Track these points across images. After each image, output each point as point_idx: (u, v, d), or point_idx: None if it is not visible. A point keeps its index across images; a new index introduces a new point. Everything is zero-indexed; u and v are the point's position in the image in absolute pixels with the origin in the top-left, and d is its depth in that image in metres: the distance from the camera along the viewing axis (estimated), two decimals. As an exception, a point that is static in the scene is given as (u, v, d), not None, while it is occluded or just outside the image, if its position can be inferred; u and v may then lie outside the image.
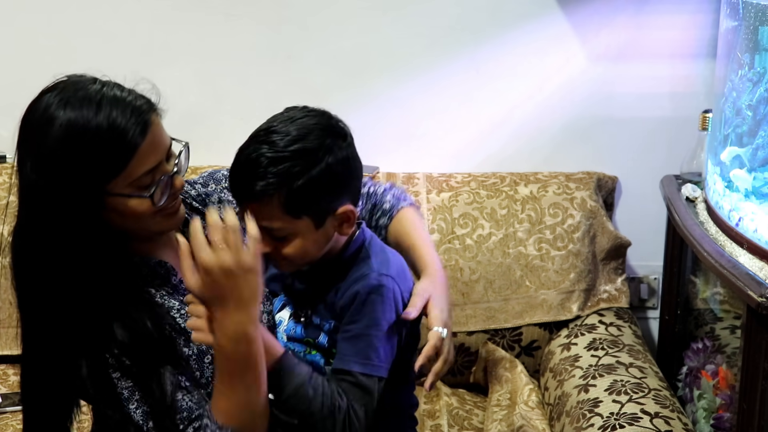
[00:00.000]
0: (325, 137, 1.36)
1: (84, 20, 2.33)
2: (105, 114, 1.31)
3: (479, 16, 2.30)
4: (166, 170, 1.38)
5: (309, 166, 1.33)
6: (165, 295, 1.45)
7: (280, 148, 1.33)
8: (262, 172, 1.32)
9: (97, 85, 1.35)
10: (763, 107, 1.72)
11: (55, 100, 1.32)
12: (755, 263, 1.67)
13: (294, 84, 2.36)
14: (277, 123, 1.37)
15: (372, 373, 1.39)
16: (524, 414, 1.97)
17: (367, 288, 1.40)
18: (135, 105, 1.35)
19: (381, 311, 1.39)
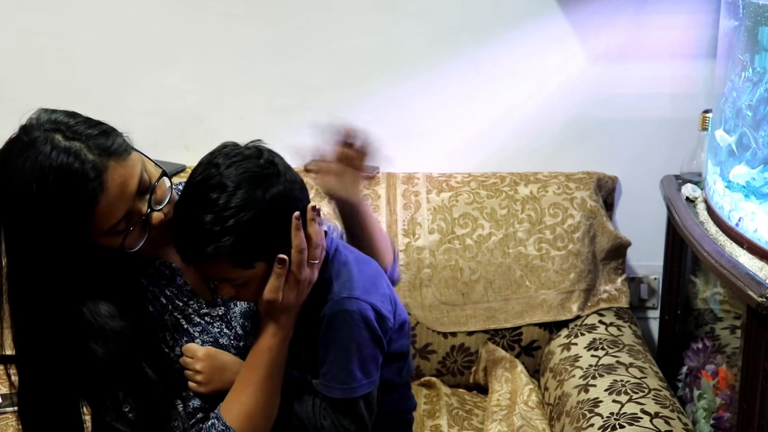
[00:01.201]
0: (260, 182, 1.32)
1: (84, 20, 2.33)
2: (57, 176, 1.26)
3: (479, 15, 2.30)
4: (139, 211, 1.35)
5: (251, 220, 1.31)
6: (170, 296, 1.45)
7: (220, 207, 1.30)
8: (206, 237, 1.30)
9: (58, 136, 1.29)
10: (763, 107, 1.72)
11: (11, 159, 1.28)
12: (755, 263, 1.67)
13: (294, 84, 2.36)
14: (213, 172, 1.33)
15: (351, 396, 1.40)
16: (524, 414, 1.97)
17: (331, 315, 1.40)
18: (92, 162, 1.28)
19: (348, 335, 1.39)
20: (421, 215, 2.23)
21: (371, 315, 1.40)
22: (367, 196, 2.26)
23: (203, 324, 1.47)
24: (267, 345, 1.40)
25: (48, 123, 1.31)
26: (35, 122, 1.32)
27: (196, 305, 1.48)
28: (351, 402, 1.41)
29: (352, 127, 1.48)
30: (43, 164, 1.27)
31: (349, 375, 1.40)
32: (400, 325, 1.49)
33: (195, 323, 1.46)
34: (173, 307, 1.45)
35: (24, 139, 1.30)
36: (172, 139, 2.31)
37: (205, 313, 1.48)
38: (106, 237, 1.33)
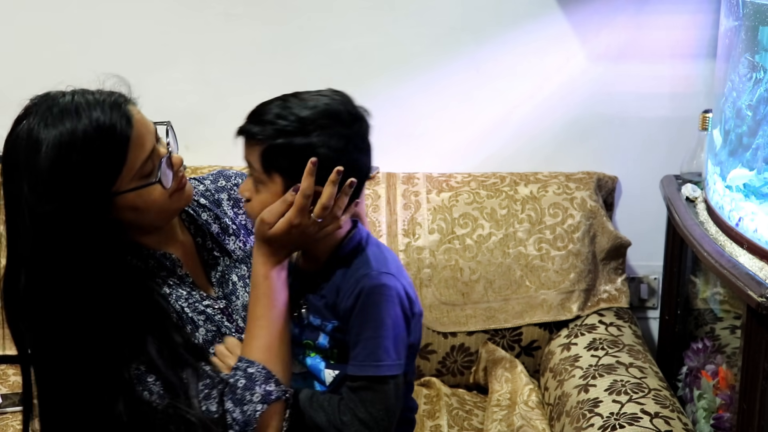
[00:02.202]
0: (331, 120, 1.40)
1: (84, 20, 2.33)
2: (87, 119, 1.32)
3: (479, 16, 2.30)
4: (161, 153, 1.40)
5: (298, 133, 1.37)
6: (173, 285, 1.46)
7: (291, 108, 1.41)
8: (263, 119, 1.40)
9: (67, 96, 1.36)
10: (763, 107, 1.72)
11: (35, 124, 1.32)
12: (755, 263, 1.67)
13: (294, 84, 2.33)
14: (306, 93, 1.46)
15: (385, 374, 1.39)
16: (524, 414, 1.97)
17: (370, 288, 1.40)
18: (111, 101, 1.36)
19: (386, 310, 1.39)
20: (421, 215, 2.23)
21: (404, 294, 1.42)
22: (367, 196, 2.26)
23: (207, 313, 1.48)
24: (263, 273, 1.41)
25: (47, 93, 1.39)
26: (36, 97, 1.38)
27: (198, 296, 1.49)
28: (382, 381, 1.39)
29: None
30: (73, 102, 1.34)
31: (384, 351, 1.39)
32: (420, 315, 1.49)
33: (199, 311, 1.47)
34: (177, 296, 1.46)
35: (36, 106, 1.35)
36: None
37: (207, 305, 1.49)
38: (138, 180, 1.36)
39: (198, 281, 1.52)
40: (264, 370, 1.38)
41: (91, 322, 1.34)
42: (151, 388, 1.35)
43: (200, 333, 1.46)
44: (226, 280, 1.55)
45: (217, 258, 1.56)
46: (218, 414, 1.37)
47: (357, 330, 1.40)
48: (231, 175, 1.66)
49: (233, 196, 1.63)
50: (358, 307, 1.40)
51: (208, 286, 1.53)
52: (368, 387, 1.40)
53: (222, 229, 1.58)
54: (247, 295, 1.54)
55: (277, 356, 1.40)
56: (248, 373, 1.38)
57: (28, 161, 1.31)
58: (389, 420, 1.40)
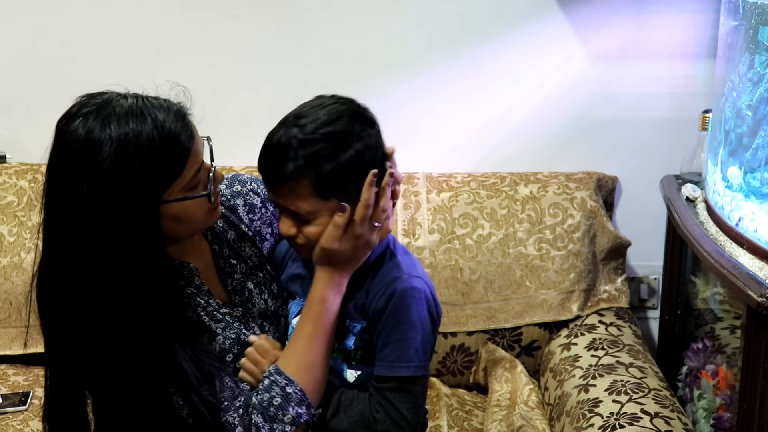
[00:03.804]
0: (354, 123, 1.38)
1: (84, 21, 2.33)
2: (153, 123, 1.31)
3: (479, 16, 2.30)
4: (206, 167, 1.41)
5: (339, 149, 1.35)
6: (190, 294, 1.46)
7: (310, 131, 1.35)
8: (293, 154, 1.34)
9: (129, 99, 1.35)
10: (763, 107, 1.72)
11: (95, 124, 1.30)
12: (755, 263, 1.67)
13: (294, 84, 2.36)
14: (307, 109, 1.40)
15: (416, 374, 1.41)
16: (524, 414, 1.97)
17: (401, 290, 1.41)
18: (176, 110, 1.36)
19: (416, 312, 1.41)
20: (421, 215, 2.23)
21: (432, 298, 1.44)
22: (367, 196, 2.26)
23: (226, 321, 1.48)
24: (320, 295, 1.41)
25: (101, 93, 1.37)
26: (88, 96, 1.37)
27: (215, 304, 1.49)
28: (412, 382, 1.41)
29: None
30: (137, 105, 1.33)
31: (415, 352, 1.40)
32: (439, 319, 1.51)
33: (217, 320, 1.47)
34: (195, 305, 1.46)
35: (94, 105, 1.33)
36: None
37: (225, 312, 1.49)
38: (183, 191, 1.35)
39: (214, 289, 1.51)
40: (301, 392, 1.39)
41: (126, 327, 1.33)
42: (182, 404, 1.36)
43: (218, 341, 1.45)
44: (242, 288, 1.54)
45: (233, 266, 1.55)
46: (239, 426, 1.37)
47: (388, 332, 1.41)
48: (246, 180, 1.63)
49: (249, 202, 1.60)
50: (390, 309, 1.41)
51: (225, 294, 1.52)
52: (399, 388, 1.41)
53: (238, 235, 1.57)
54: (263, 303, 1.54)
55: (316, 379, 1.41)
56: (286, 392, 1.39)
57: (88, 160, 1.28)
58: (417, 419, 1.43)
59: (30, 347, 2.11)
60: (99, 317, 1.32)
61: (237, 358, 1.46)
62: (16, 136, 2.35)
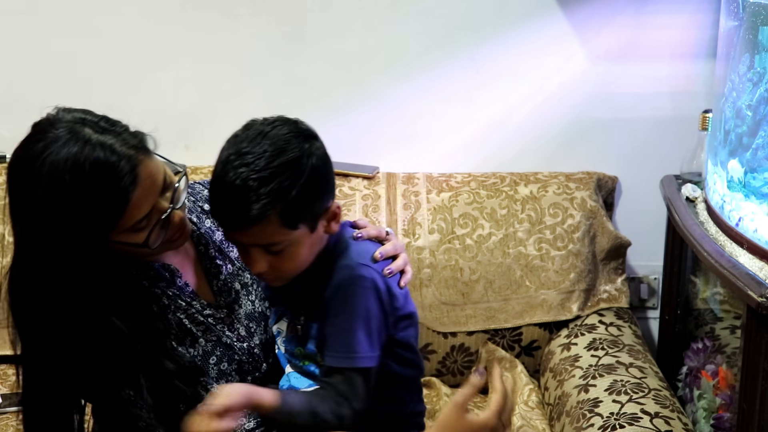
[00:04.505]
0: (302, 142, 1.34)
1: (84, 20, 2.33)
2: (93, 168, 1.27)
3: (479, 15, 2.30)
4: (161, 208, 1.35)
5: (297, 176, 1.32)
6: (171, 297, 1.45)
7: (263, 167, 1.30)
8: (255, 195, 1.29)
9: (87, 129, 1.29)
10: (763, 107, 1.71)
11: (41, 149, 1.27)
12: (755, 263, 1.67)
13: (294, 84, 2.36)
14: (246, 144, 1.34)
15: (358, 366, 1.37)
16: (524, 414, 1.97)
17: (347, 278, 1.38)
18: (126, 155, 1.29)
19: (361, 300, 1.37)
20: (421, 215, 2.23)
21: (383, 287, 1.40)
22: (367, 195, 2.26)
23: (207, 323, 1.47)
24: None
25: (72, 118, 1.31)
26: (57, 117, 1.31)
27: (198, 305, 1.48)
28: (352, 374, 1.37)
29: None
30: (78, 157, 1.26)
31: (357, 342, 1.37)
32: (409, 315, 1.47)
33: (198, 322, 1.46)
34: (176, 307, 1.45)
35: (50, 133, 1.28)
36: (172, 139, 2.30)
37: (208, 314, 1.48)
38: (128, 234, 1.33)
39: (200, 290, 1.50)
40: None
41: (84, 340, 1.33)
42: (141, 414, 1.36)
43: (200, 344, 1.45)
44: (228, 289, 1.53)
45: (219, 266, 1.53)
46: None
47: (332, 321, 1.38)
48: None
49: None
50: (335, 299, 1.38)
51: (211, 294, 1.52)
52: (343, 380, 1.37)
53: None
54: (250, 304, 1.53)
55: None
56: None
57: (26, 187, 1.28)
58: (356, 413, 1.37)
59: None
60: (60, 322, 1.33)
61: (220, 361, 1.46)
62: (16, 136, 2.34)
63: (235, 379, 1.47)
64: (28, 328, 1.36)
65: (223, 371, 1.46)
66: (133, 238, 1.33)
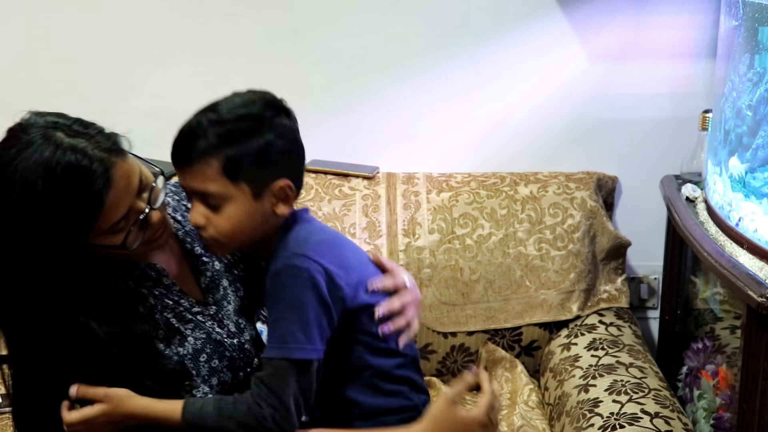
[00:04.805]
0: (268, 109, 1.38)
1: (83, 20, 2.33)
2: (65, 172, 1.27)
3: (479, 15, 2.30)
4: (138, 209, 1.35)
5: (251, 132, 1.34)
6: (158, 296, 1.45)
7: (224, 112, 1.35)
8: (203, 132, 1.33)
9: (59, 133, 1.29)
10: (763, 107, 1.72)
11: (13, 155, 1.27)
12: (755, 263, 1.67)
13: (294, 84, 2.36)
14: (223, 98, 1.40)
15: (288, 356, 1.34)
16: (524, 414, 1.97)
17: (280, 268, 1.36)
18: (99, 157, 1.29)
19: (293, 291, 1.35)
20: (421, 215, 2.23)
21: (321, 278, 1.35)
22: (367, 195, 2.26)
23: (196, 321, 1.47)
24: None
25: (45, 123, 1.31)
26: (30, 122, 1.31)
27: (186, 303, 1.48)
28: (284, 366, 1.33)
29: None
30: (50, 162, 1.26)
31: (288, 333, 1.33)
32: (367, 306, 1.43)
33: (186, 320, 1.46)
34: (162, 307, 1.45)
35: (23, 138, 1.29)
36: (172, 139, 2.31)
37: (197, 312, 1.48)
38: (105, 236, 1.33)
39: (187, 288, 1.50)
40: None
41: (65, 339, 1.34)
42: None
43: (189, 342, 1.45)
44: (216, 286, 1.53)
45: (206, 263, 1.53)
46: None
47: (269, 311, 1.37)
48: None
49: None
50: (271, 288, 1.36)
51: (199, 292, 1.52)
52: (275, 372, 1.34)
53: None
54: (239, 300, 1.53)
55: None
56: None
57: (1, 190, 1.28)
58: (287, 409, 1.34)
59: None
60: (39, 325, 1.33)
61: (211, 358, 1.46)
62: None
63: (227, 375, 1.47)
64: (10, 330, 1.36)
65: (215, 368, 1.46)
66: (111, 240, 1.34)
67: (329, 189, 2.26)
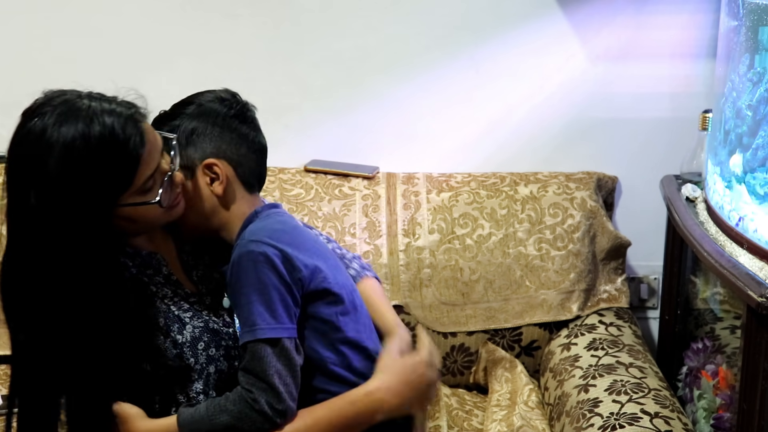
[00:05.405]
0: (217, 95, 1.59)
1: (83, 20, 2.33)
2: (100, 126, 1.32)
3: (479, 15, 2.30)
4: (163, 169, 1.41)
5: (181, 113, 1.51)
6: (158, 284, 1.47)
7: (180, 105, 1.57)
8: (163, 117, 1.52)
9: (84, 99, 1.35)
10: (763, 107, 1.72)
11: (49, 122, 1.31)
12: (755, 263, 1.67)
13: (294, 84, 2.36)
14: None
15: (260, 337, 1.36)
16: (524, 414, 1.97)
17: (237, 257, 1.40)
18: (127, 114, 1.36)
19: (252, 274, 1.37)
20: (421, 215, 2.23)
21: (277, 259, 1.38)
22: (367, 195, 2.26)
23: (193, 309, 1.49)
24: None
25: (63, 93, 1.37)
26: (50, 96, 1.36)
27: (183, 293, 1.50)
28: (258, 348, 1.36)
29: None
30: (86, 123, 1.31)
31: (255, 314, 1.36)
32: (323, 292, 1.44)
33: (185, 309, 1.48)
34: (163, 295, 1.46)
35: (50, 107, 1.33)
36: None
37: (193, 302, 1.50)
38: (139, 195, 1.36)
39: (182, 280, 1.52)
40: None
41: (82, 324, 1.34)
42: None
43: (187, 330, 1.46)
44: (208, 278, 1.56)
45: (197, 258, 1.57)
46: None
47: (232, 300, 1.41)
48: None
49: None
50: (231, 278, 1.40)
51: (191, 285, 1.54)
52: (252, 357, 1.36)
53: None
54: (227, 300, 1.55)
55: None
56: None
57: (38, 161, 1.30)
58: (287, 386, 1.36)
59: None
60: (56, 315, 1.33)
61: (208, 346, 1.47)
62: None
63: (224, 364, 1.48)
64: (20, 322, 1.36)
65: (212, 356, 1.47)
66: (145, 198, 1.38)
67: (329, 189, 2.26)
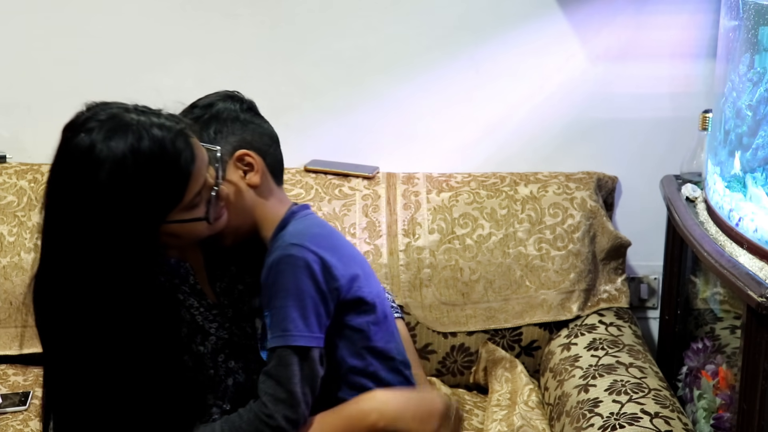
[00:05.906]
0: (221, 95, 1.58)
1: (83, 20, 2.33)
2: (152, 144, 1.28)
3: (479, 15, 2.30)
4: (210, 184, 1.38)
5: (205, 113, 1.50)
6: (185, 293, 1.47)
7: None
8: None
9: (132, 113, 1.32)
10: (763, 107, 1.72)
11: (97, 138, 1.28)
12: (755, 263, 1.67)
13: (294, 84, 2.36)
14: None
15: (290, 344, 1.35)
16: (524, 414, 1.97)
17: (276, 259, 1.38)
18: (177, 129, 1.32)
19: (291, 279, 1.36)
20: (421, 215, 2.23)
21: (317, 266, 1.37)
22: (367, 195, 2.26)
23: (218, 321, 1.48)
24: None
25: (109, 106, 1.33)
26: (94, 110, 1.32)
27: (206, 304, 1.49)
28: (287, 355, 1.34)
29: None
30: (136, 137, 1.28)
31: (289, 321, 1.35)
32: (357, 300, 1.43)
33: (210, 320, 1.47)
34: (189, 305, 1.46)
35: (94, 122, 1.29)
36: None
37: (216, 313, 1.49)
38: (186, 211, 1.34)
39: (205, 290, 1.51)
40: None
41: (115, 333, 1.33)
42: None
43: (210, 341, 1.45)
44: (231, 289, 1.54)
45: (224, 269, 1.55)
46: None
47: (266, 301, 1.38)
48: None
49: None
50: (267, 280, 1.38)
51: (213, 296, 1.52)
52: (279, 362, 1.35)
53: None
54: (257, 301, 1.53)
55: None
56: None
57: (86, 177, 1.27)
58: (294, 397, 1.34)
59: (27, 347, 2.13)
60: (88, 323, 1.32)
61: (228, 358, 1.47)
62: (16, 136, 2.35)
63: (242, 377, 1.48)
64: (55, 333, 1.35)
65: (231, 369, 1.47)
66: (192, 214, 1.35)
67: (329, 189, 2.26)
